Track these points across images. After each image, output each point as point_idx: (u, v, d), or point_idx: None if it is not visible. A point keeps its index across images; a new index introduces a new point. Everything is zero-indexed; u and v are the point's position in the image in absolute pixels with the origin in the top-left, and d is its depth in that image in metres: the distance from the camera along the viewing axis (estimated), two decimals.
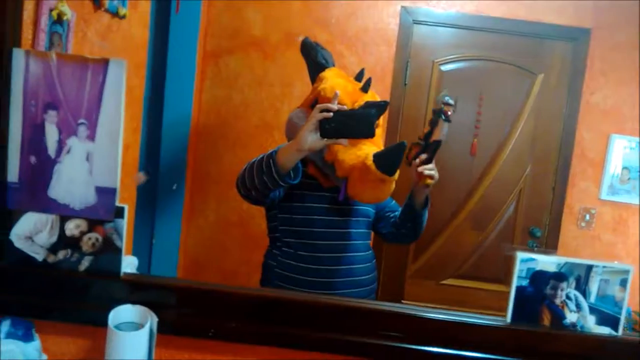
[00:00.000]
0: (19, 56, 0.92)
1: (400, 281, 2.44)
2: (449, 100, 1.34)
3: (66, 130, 0.94)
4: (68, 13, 1.17)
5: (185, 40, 2.19)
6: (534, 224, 2.42)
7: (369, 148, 1.24)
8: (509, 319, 0.94)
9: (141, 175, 1.66)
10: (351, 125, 1.17)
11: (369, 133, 1.18)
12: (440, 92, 1.36)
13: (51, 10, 1.10)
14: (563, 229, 2.41)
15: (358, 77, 1.40)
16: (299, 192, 1.37)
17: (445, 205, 2.39)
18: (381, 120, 1.39)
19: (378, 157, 1.19)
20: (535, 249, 2.34)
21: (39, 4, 1.04)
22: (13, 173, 0.94)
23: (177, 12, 2.09)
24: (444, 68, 2.39)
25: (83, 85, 0.94)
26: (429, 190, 1.37)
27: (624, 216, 2.40)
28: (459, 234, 2.43)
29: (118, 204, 0.94)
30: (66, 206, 0.94)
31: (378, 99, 1.34)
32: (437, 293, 2.42)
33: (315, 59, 1.42)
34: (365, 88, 1.34)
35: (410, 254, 2.45)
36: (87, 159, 0.94)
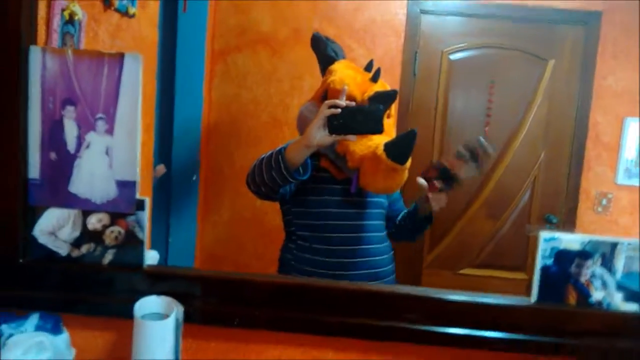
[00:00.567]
0: (36, 53, 0.93)
1: (417, 272, 2.43)
2: (483, 142, 1.32)
3: (85, 125, 0.94)
4: (79, 13, 1.18)
5: (194, 39, 2.19)
6: (549, 211, 2.39)
7: (380, 138, 1.24)
8: (534, 298, 0.93)
9: (161, 168, 1.67)
10: (359, 121, 1.17)
11: (377, 129, 1.18)
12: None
13: (63, 10, 1.11)
14: (579, 214, 2.38)
15: (368, 68, 1.40)
16: (312, 186, 1.37)
17: (460, 195, 2.37)
18: (393, 110, 1.39)
19: (389, 146, 1.19)
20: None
21: (51, 4, 1.05)
22: (34, 169, 0.95)
23: (185, 11, 2.10)
24: (453, 57, 2.38)
25: (100, 80, 0.94)
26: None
27: None
28: (474, 223, 2.41)
29: (138, 196, 0.95)
30: (87, 200, 0.95)
31: (388, 88, 1.34)
32: (455, 283, 2.41)
33: (325, 52, 1.42)
34: (375, 78, 1.34)
35: (426, 245, 2.44)
36: (107, 153, 0.95)
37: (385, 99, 1.26)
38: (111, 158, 0.95)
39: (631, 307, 0.92)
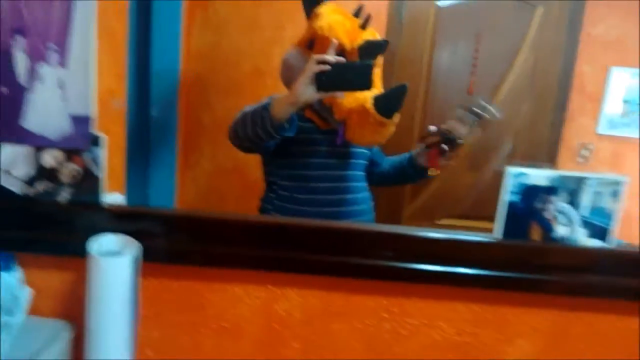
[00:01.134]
0: None
1: (397, 222, 2.43)
2: (485, 104, 1.29)
3: (36, 56, 0.89)
4: None
5: None
6: (531, 161, 2.38)
7: (369, 91, 1.20)
8: (499, 234, 0.92)
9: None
10: (348, 78, 1.13)
11: (366, 85, 1.14)
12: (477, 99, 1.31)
13: None
14: (560, 165, 2.38)
15: (356, 14, 1.33)
16: (296, 136, 1.33)
17: None
18: (380, 60, 1.33)
19: (378, 100, 1.16)
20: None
21: None
22: None
23: None
24: (442, 4, 2.30)
25: (51, 9, 0.89)
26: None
27: (622, 150, 2.36)
28: (455, 174, 2.39)
29: (94, 132, 0.91)
30: (41, 136, 0.91)
31: (378, 37, 1.29)
32: None
33: None
34: (364, 25, 1.28)
35: (406, 195, 2.43)
36: (60, 86, 0.90)
37: (376, 48, 1.21)
38: (65, 91, 0.90)
39: (596, 243, 0.91)
